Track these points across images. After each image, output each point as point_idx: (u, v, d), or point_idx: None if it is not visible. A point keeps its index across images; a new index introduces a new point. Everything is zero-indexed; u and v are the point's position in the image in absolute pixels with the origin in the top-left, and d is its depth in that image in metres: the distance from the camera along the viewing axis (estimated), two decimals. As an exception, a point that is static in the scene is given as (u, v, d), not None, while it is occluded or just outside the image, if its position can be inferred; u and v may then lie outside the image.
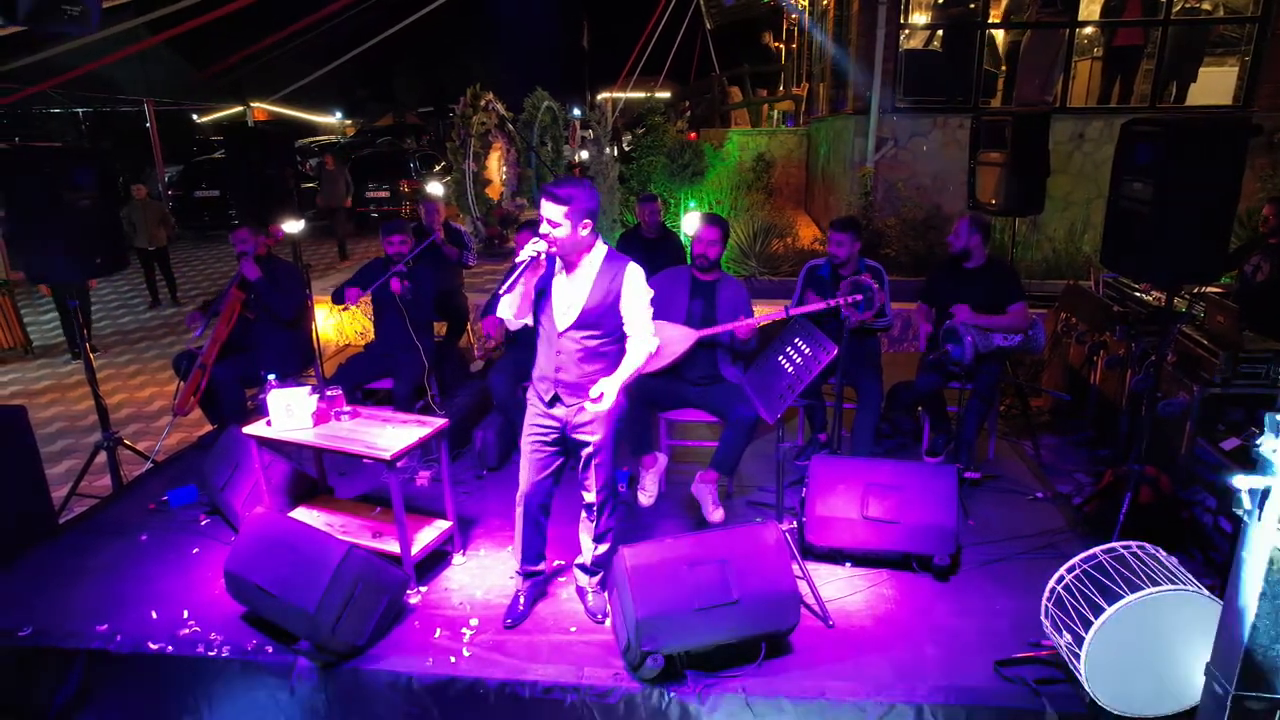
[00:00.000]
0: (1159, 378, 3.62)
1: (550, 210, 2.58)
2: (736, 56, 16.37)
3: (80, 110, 18.51)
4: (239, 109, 16.92)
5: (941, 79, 8.37)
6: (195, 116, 21.55)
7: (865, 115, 7.93)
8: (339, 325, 7.14)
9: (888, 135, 7.98)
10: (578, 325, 2.73)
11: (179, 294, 10.00)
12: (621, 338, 2.79)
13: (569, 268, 2.74)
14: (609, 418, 2.84)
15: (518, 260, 2.62)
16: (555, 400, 2.81)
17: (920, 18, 10.25)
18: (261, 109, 17.65)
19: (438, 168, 15.21)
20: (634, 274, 2.74)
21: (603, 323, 2.74)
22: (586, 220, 2.64)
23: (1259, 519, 1.83)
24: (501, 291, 2.64)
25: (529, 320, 2.82)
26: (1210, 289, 4.73)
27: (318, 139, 23.14)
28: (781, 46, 17.07)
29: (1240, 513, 1.86)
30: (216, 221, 14.84)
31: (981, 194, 5.30)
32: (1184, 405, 3.92)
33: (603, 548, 3.02)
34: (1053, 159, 5.45)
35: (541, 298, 2.78)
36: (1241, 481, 1.86)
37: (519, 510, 2.98)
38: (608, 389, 2.67)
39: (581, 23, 23.88)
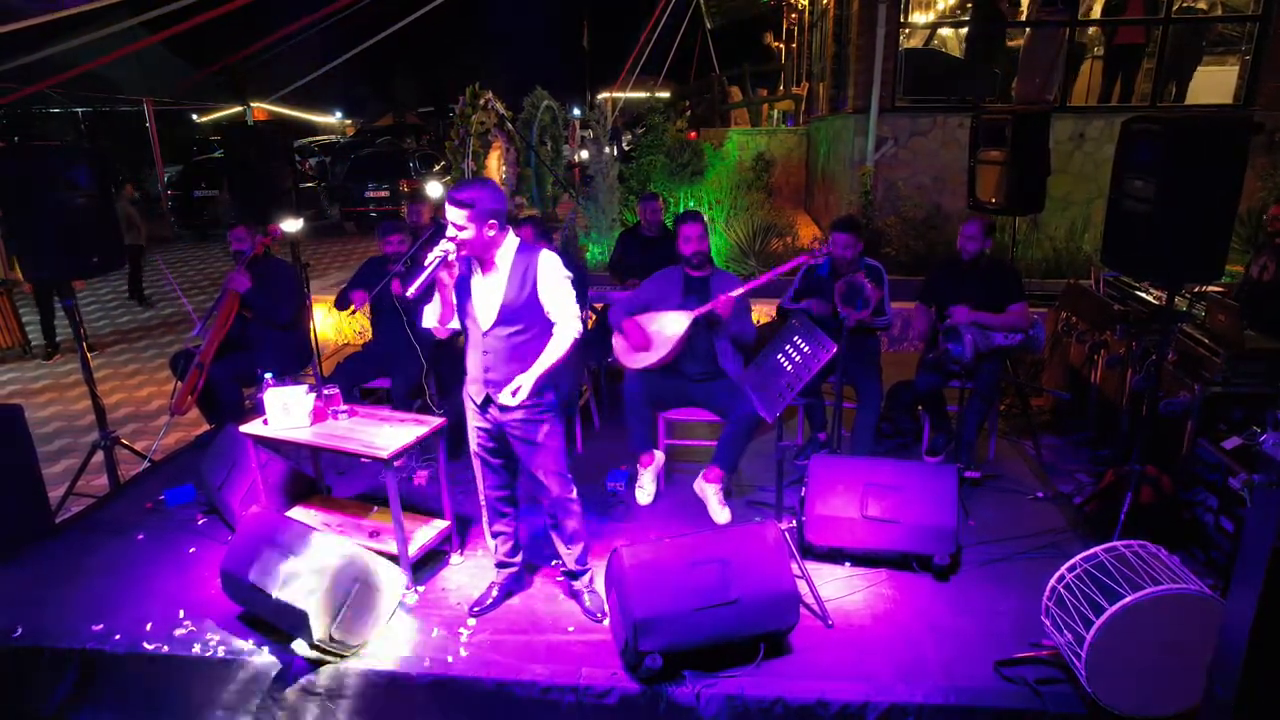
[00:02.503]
0: (1159, 377, 3.61)
1: (454, 214, 2.60)
2: (736, 56, 16.36)
3: (80, 110, 18.50)
4: (239, 109, 16.93)
5: (957, 78, 8.38)
6: (195, 116, 21.56)
7: (865, 114, 7.91)
8: (337, 325, 7.13)
9: (887, 134, 7.96)
10: (500, 322, 2.73)
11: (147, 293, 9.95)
12: (547, 329, 2.78)
13: (484, 266, 2.75)
14: (549, 418, 2.83)
15: (425, 264, 2.63)
16: (488, 402, 2.82)
17: (920, 17, 10.26)
18: (261, 109, 17.66)
19: (437, 167, 15.20)
20: (547, 260, 2.74)
21: (524, 316, 2.74)
22: (492, 221, 2.64)
23: (1260, 518, 1.82)
24: (411, 293, 2.64)
25: (457, 325, 2.83)
26: (1211, 288, 4.72)
27: (318, 139, 23.15)
28: (781, 46, 17.06)
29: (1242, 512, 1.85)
30: (215, 221, 14.82)
31: (981, 193, 5.28)
32: (1185, 404, 3.90)
33: (576, 549, 3.02)
34: (1053, 158, 5.42)
35: (462, 300, 2.78)
36: (1243, 481, 1.86)
37: (481, 502, 3.02)
38: (523, 383, 2.67)
39: (581, 22, 23.87)
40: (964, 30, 9.18)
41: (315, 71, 14.11)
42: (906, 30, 8.22)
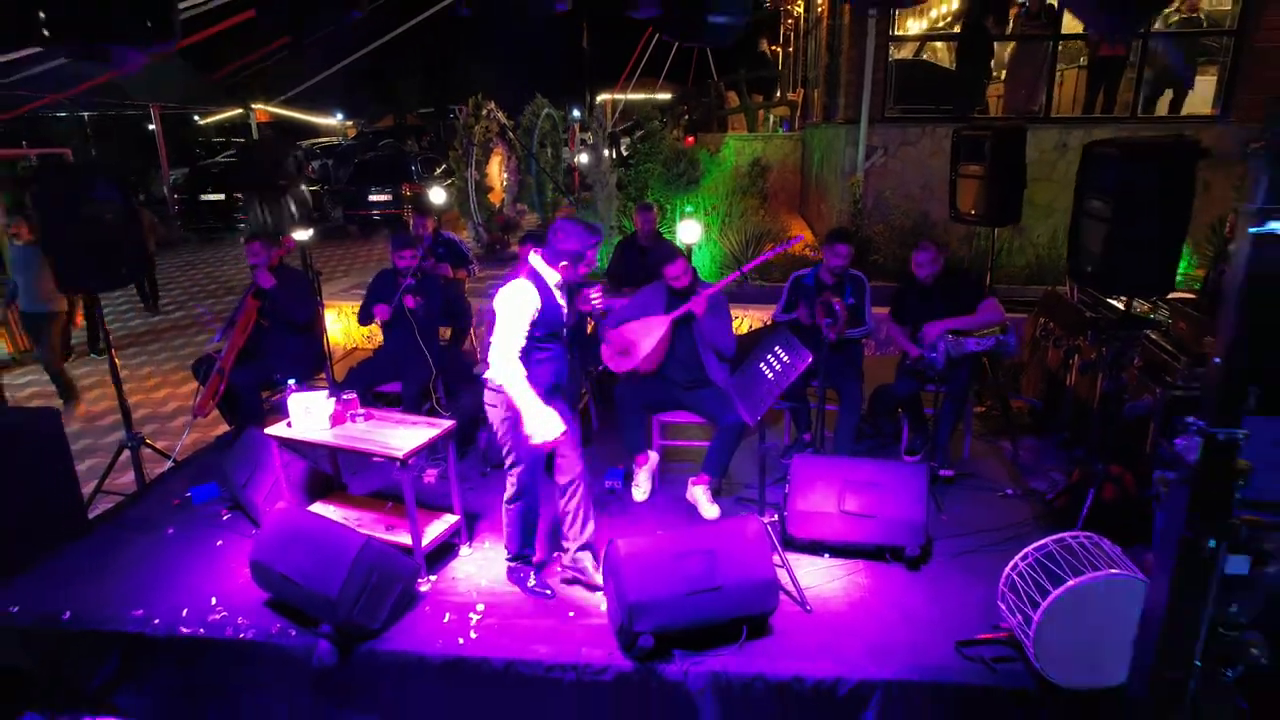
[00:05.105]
0: (1117, 380, 3.88)
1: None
2: (733, 62, 16.60)
3: (85, 114, 18.74)
4: (240, 110, 17.17)
5: (946, 88, 8.65)
6: (196, 118, 21.80)
7: (856, 124, 8.16)
8: (346, 330, 7.39)
9: (878, 144, 8.21)
10: (570, 335, 3.15)
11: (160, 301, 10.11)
12: None
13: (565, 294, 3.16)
14: None
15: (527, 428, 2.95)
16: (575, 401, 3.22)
17: (914, 24, 10.51)
18: (264, 110, 17.89)
19: (439, 170, 15.42)
20: None
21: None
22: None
23: (1172, 511, 2.08)
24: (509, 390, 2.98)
25: None
26: (1186, 295, 4.98)
27: (319, 140, 23.34)
28: (779, 50, 17.30)
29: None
30: (221, 225, 15.07)
31: (962, 204, 5.55)
32: (1148, 407, 4.16)
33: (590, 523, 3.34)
34: (1037, 167, 5.65)
35: (561, 325, 3.13)
36: (1158, 478, 2.12)
37: (528, 504, 3.25)
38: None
39: (581, 24, 24.07)
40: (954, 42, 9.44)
41: (319, 75, 14.35)
42: (896, 44, 8.47)
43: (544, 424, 2.88)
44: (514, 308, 2.94)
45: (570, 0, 2.86)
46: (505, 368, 2.93)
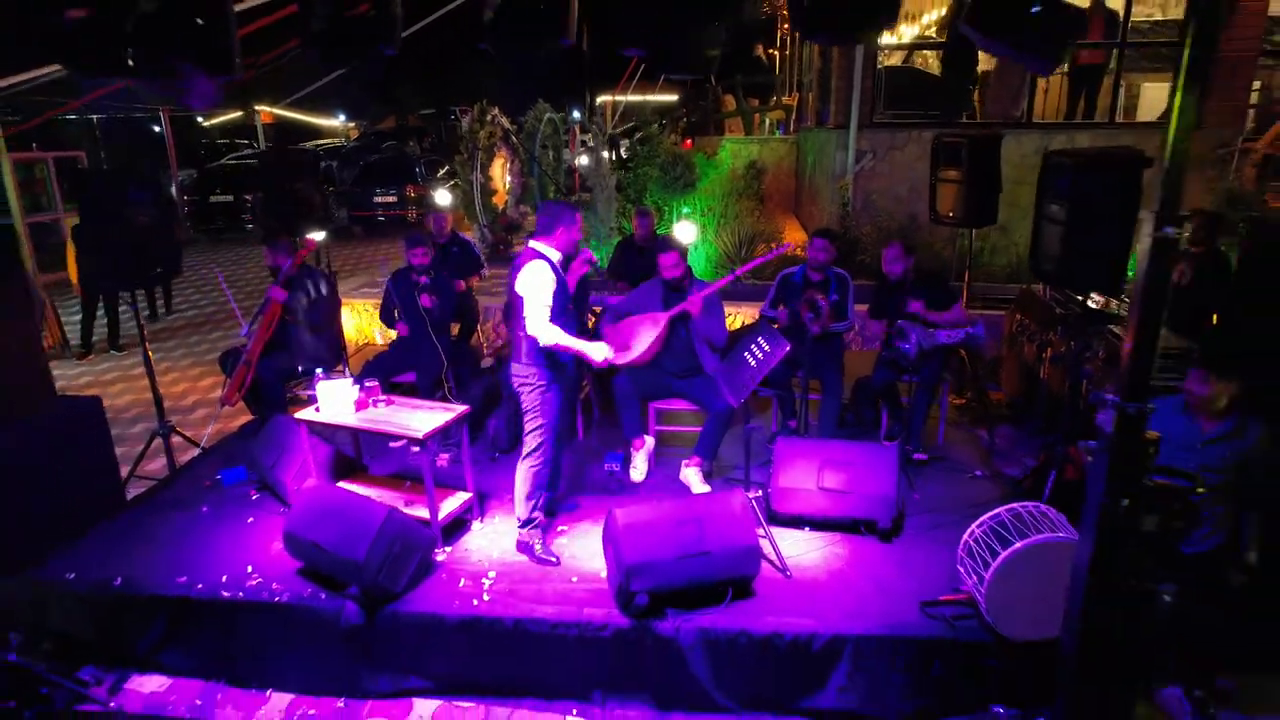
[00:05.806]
0: (1081, 371, 4.22)
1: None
2: (730, 66, 16.91)
3: (95, 117, 19.08)
4: (242, 112, 17.49)
5: (933, 94, 8.98)
6: (201, 119, 22.14)
7: (845, 129, 8.49)
8: (358, 326, 7.71)
9: (867, 148, 8.54)
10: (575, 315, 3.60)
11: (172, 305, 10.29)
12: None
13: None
14: None
15: (593, 358, 3.56)
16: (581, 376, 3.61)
17: (906, 27, 10.84)
18: (267, 112, 18.21)
19: (441, 172, 15.72)
20: None
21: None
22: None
23: (1096, 477, 2.41)
24: (562, 344, 3.44)
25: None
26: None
27: (321, 143, 23.63)
28: (775, 53, 17.60)
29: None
30: (231, 226, 15.36)
31: (941, 207, 5.89)
32: (1110, 396, 4.49)
33: None
34: (1020, 171, 5.95)
35: (563, 299, 3.50)
36: (1083, 446, 2.44)
37: (543, 462, 3.63)
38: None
39: (581, 27, 24.33)
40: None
41: (328, 75, 14.61)
42: (885, 52, 8.80)
43: (598, 350, 3.55)
44: (538, 285, 3.38)
45: (573, 35, 3.19)
46: (547, 332, 3.38)
